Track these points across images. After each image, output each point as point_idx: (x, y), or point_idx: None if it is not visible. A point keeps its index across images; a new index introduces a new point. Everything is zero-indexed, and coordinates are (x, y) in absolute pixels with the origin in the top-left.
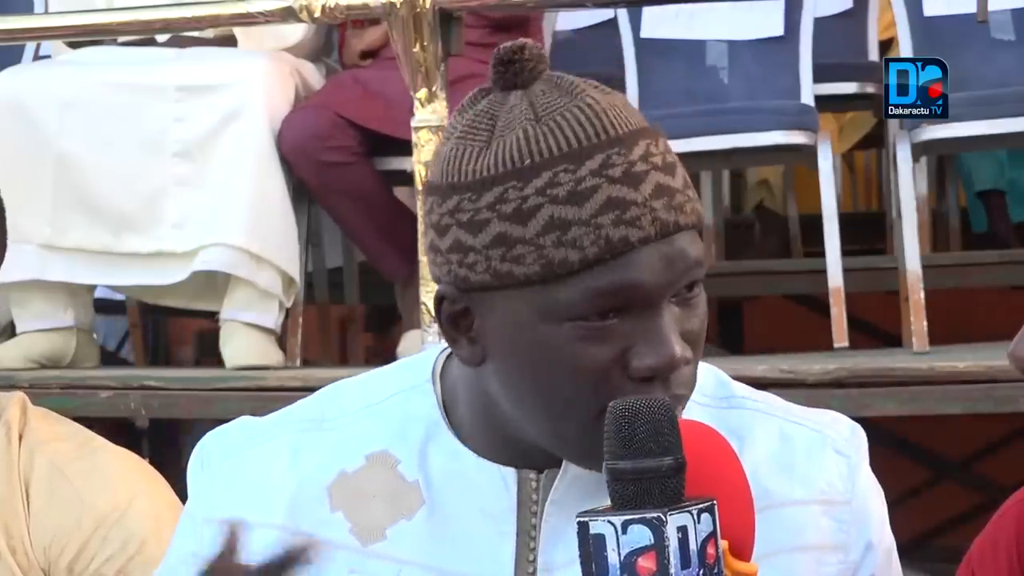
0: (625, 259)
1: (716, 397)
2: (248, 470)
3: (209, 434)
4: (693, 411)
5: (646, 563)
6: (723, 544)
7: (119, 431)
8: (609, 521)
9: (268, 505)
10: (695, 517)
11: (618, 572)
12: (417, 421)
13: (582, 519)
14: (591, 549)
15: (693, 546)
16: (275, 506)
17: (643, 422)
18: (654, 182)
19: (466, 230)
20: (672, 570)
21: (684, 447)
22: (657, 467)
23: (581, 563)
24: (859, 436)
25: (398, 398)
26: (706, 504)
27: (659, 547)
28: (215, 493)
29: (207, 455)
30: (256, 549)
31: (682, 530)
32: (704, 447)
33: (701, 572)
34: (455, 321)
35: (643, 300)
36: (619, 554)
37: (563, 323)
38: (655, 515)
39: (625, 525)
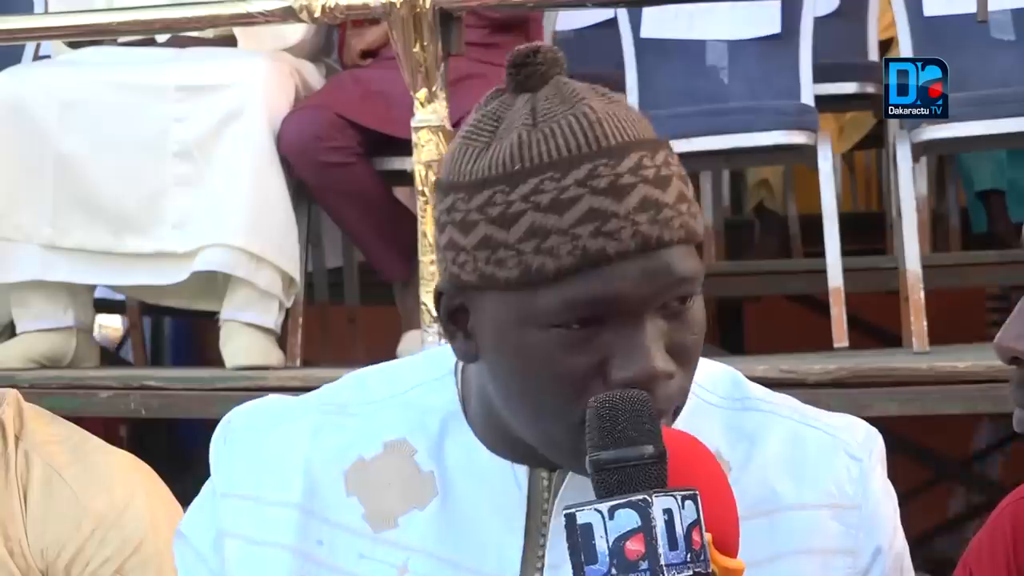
0: (602, 271)
1: (732, 398)
2: (269, 448)
3: (236, 409)
4: (708, 412)
5: (634, 546)
6: (707, 536)
7: None
8: (596, 509)
9: (285, 483)
10: (679, 503)
11: (607, 558)
12: (436, 413)
13: (569, 511)
14: (579, 539)
15: (679, 530)
16: (292, 485)
17: (623, 413)
18: (641, 195)
19: (458, 229)
20: (660, 550)
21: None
22: (639, 455)
23: (570, 554)
24: (874, 440)
25: (422, 389)
26: (689, 492)
27: (646, 528)
28: (235, 468)
29: (232, 430)
30: (270, 527)
31: (668, 512)
32: (680, 450)
33: (688, 556)
34: (453, 316)
35: (621, 312)
36: (607, 540)
37: (543, 329)
38: (641, 497)
39: (612, 511)
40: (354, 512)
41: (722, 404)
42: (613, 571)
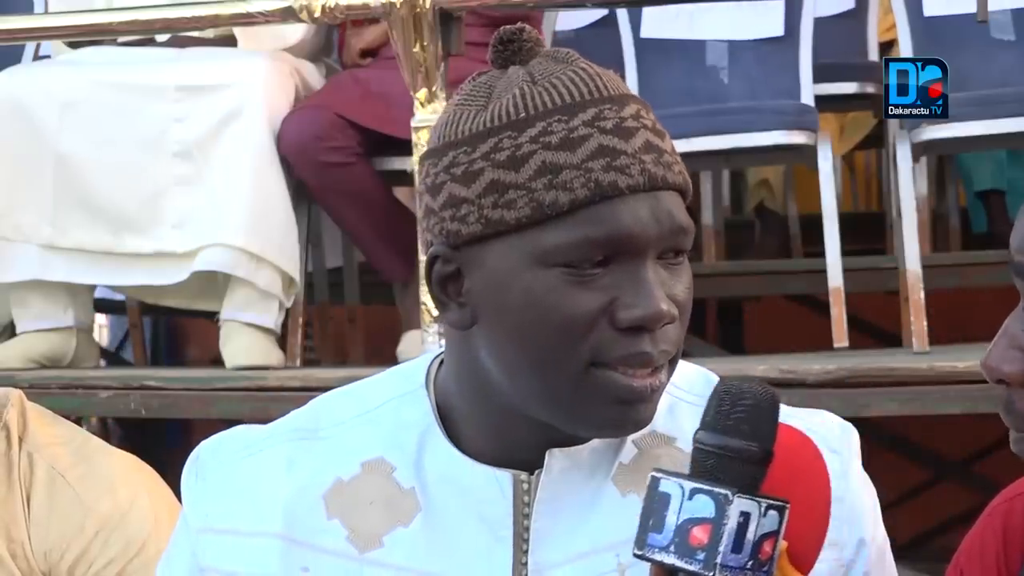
0: (613, 205)
1: (705, 396)
2: (243, 480)
3: (203, 443)
4: (686, 410)
5: (699, 534)
6: (783, 545)
7: None
8: (679, 484)
9: (263, 514)
10: (761, 510)
11: (671, 534)
12: (411, 427)
13: (656, 475)
14: (654, 505)
15: (750, 535)
16: (271, 515)
17: (744, 404)
18: (644, 139)
19: (460, 183)
20: (721, 548)
21: (777, 450)
22: (741, 449)
23: (641, 516)
24: (850, 434)
25: (392, 405)
26: (778, 503)
27: (716, 522)
28: (210, 503)
29: (201, 465)
30: (252, 559)
31: (744, 516)
32: (792, 458)
33: (750, 564)
34: (445, 284)
35: (630, 249)
36: (678, 517)
37: (551, 268)
38: (723, 492)
39: (692, 492)
40: (337, 535)
41: (698, 403)
42: (672, 548)
